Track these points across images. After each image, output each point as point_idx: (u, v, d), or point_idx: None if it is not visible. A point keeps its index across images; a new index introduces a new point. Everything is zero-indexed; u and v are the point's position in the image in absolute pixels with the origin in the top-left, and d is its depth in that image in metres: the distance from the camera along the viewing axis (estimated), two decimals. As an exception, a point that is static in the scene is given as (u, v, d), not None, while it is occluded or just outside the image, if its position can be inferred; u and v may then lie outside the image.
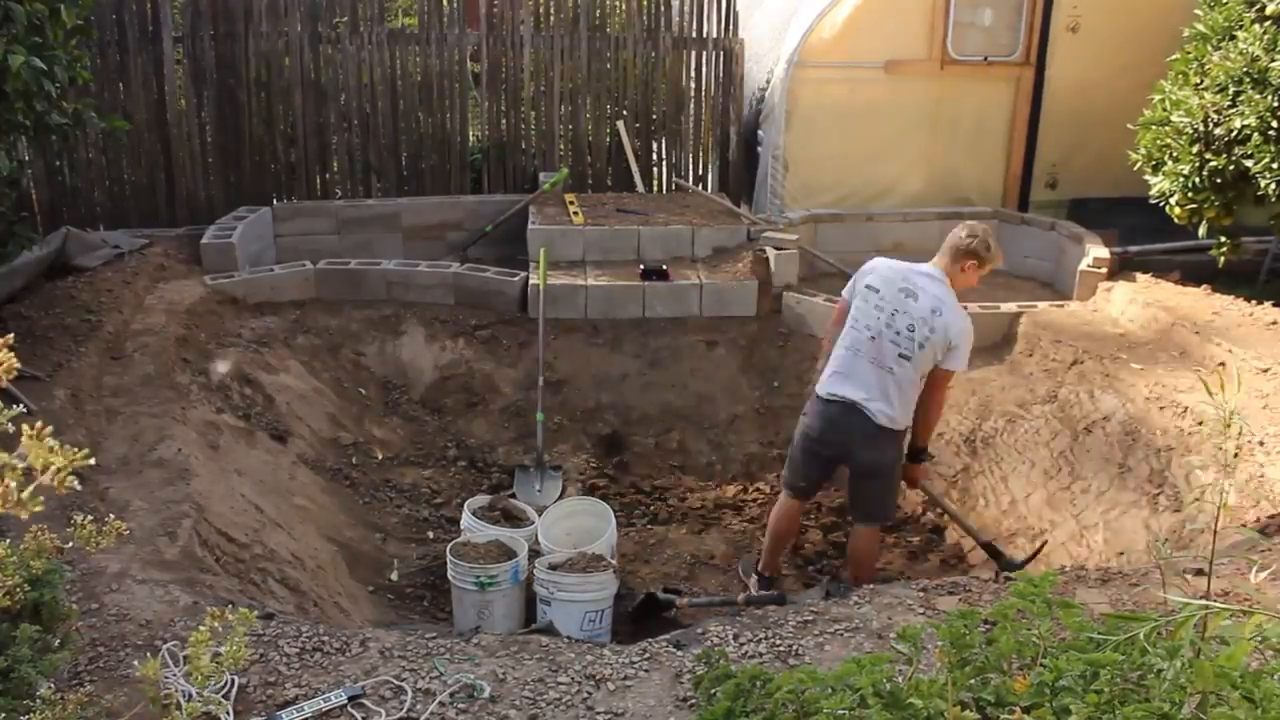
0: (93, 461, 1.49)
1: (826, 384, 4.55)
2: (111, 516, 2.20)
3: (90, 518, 2.13)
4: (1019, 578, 2.08)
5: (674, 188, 8.21)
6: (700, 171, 8.26)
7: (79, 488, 1.48)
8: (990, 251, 4.49)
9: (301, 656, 3.20)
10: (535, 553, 4.85)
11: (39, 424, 1.43)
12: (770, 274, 6.90)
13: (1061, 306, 6.69)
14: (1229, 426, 1.81)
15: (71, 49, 5.35)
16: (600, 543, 4.82)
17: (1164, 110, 6.02)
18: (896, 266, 4.54)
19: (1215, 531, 2.26)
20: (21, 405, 1.78)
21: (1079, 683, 1.75)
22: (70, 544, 2.14)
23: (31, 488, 1.33)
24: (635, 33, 7.95)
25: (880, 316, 4.42)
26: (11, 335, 1.57)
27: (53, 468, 1.40)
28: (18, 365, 1.49)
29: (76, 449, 1.45)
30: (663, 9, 7.98)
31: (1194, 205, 6.02)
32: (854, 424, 4.45)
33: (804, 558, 5.38)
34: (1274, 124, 5.42)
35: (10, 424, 1.47)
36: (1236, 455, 4.52)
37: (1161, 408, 5.26)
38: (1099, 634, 1.88)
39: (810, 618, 3.50)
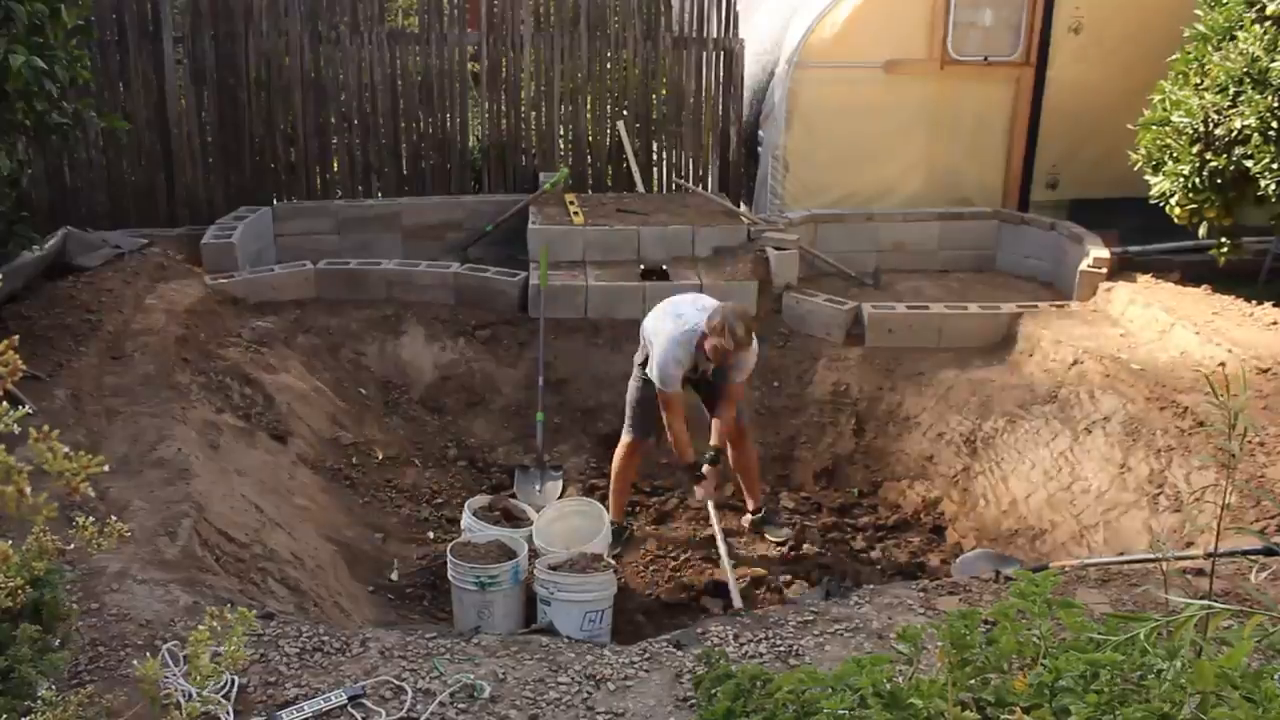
0: (107, 468, 1.49)
1: None
2: (113, 518, 2.20)
3: (91, 519, 2.13)
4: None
5: (674, 188, 8.21)
6: (700, 171, 8.26)
7: (92, 494, 1.48)
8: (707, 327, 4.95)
9: (302, 656, 3.20)
10: (536, 553, 4.85)
11: (45, 428, 1.43)
12: (770, 274, 6.90)
13: (1062, 306, 6.69)
14: (1234, 427, 1.81)
15: (72, 49, 5.35)
16: (594, 543, 4.83)
17: (1164, 110, 6.02)
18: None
19: (1218, 532, 2.27)
20: (24, 406, 1.78)
21: (1079, 683, 1.75)
22: (72, 545, 2.14)
23: (45, 494, 1.34)
24: (635, 33, 7.95)
25: None
26: (16, 337, 1.57)
27: (66, 472, 1.40)
28: (23, 367, 1.50)
29: (89, 455, 1.45)
30: (663, 9, 7.97)
31: (1194, 205, 6.02)
32: None
33: (803, 557, 5.38)
34: (1274, 124, 5.42)
35: (16, 426, 1.48)
36: (1236, 456, 4.53)
37: (1161, 408, 5.26)
38: (1099, 634, 1.88)
39: (810, 618, 3.51)
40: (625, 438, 5.40)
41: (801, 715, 1.97)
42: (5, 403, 1.79)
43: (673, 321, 5.06)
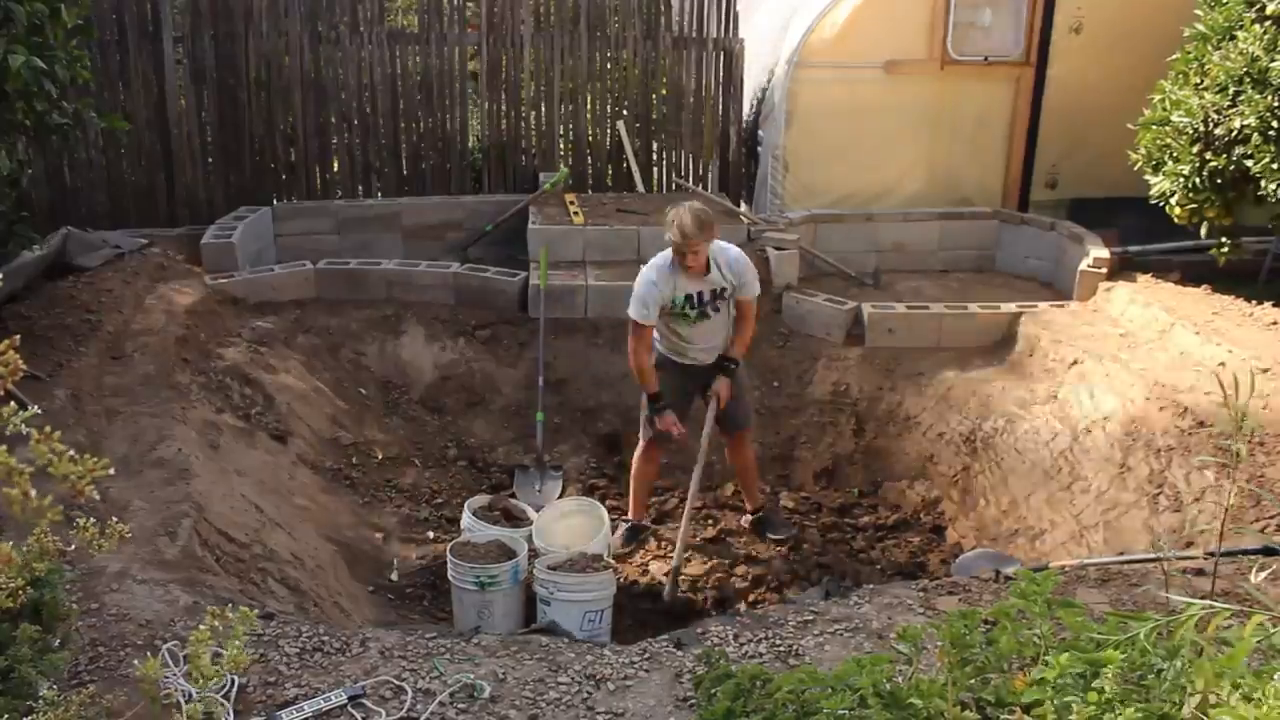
0: (112, 471, 1.50)
1: None
2: (113, 518, 2.20)
3: (92, 520, 2.13)
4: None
5: (674, 188, 8.21)
6: (700, 171, 8.26)
7: (97, 497, 1.48)
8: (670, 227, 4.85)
9: (301, 656, 3.21)
10: (536, 553, 4.85)
11: (46, 429, 1.43)
12: (770, 274, 6.90)
13: (1061, 306, 6.69)
14: (1240, 429, 1.81)
15: (72, 49, 5.35)
16: (594, 543, 4.83)
17: (1164, 110, 6.02)
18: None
19: (1221, 534, 2.27)
20: (27, 406, 1.78)
21: (1079, 682, 1.75)
22: (73, 546, 2.14)
23: (50, 498, 1.34)
24: (635, 33, 7.95)
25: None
26: (18, 337, 1.57)
27: (72, 475, 1.41)
28: (23, 367, 1.50)
29: (89, 455, 1.45)
30: (663, 9, 7.98)
31: (1194, 205, 6.01)
32: None
33: (802, 556, 5.38)
34: (1274, 124, 5.42)
35: (24, 426, 1.48)
36: (1240, 456, 4.52)
37: (1161, 408, 5.26)
38: (1099, 634, 1.88)
39: (810, 618, 3.51)
40: (641, 439, 5.34)
41: (801, 715, 1.97)
42: (12, 404, 1.79)
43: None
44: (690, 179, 8.18)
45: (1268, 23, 5.51)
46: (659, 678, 3.15)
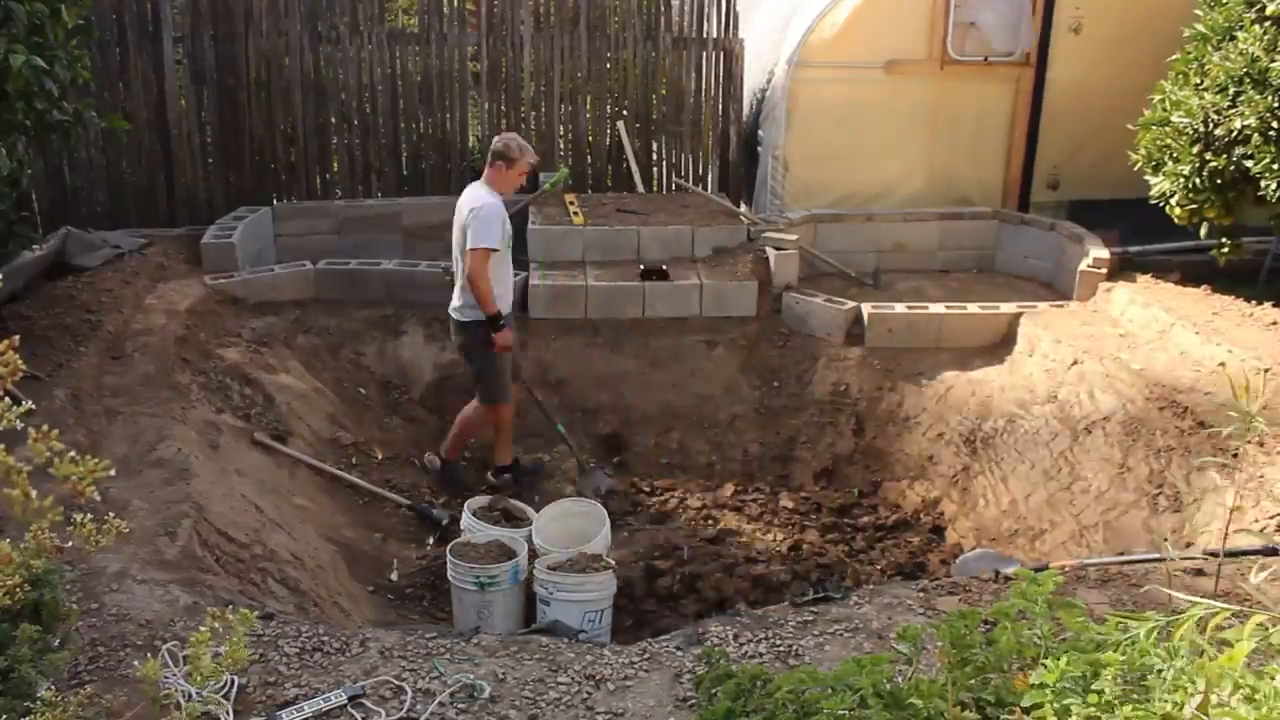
0: (113, 472, 1.50)
1: None
2: (111, 516, 2.20)
3: (90, 517, 2.13)
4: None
5: (674, 188, 8.21)
6: (700, 171, 8.26)
7: (97, 497, 1.48)
8: (517, 150, 5.58)
9: (301, 656, 3.20)
10: (536, 553, 4.85)
11: (44, 427, 1.44)
12: (770, 274, 6.90)
13: (1061, 306, 6.69)
14: (1250, 429, 1.81)
15: (72, 49, 5.35)
16: (594, 543, 4.83)
17: (1164, 111, 6.02)
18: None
19: (1226, 533, 2.27)
20: (26, 402, 1.79)
21: (1080, 683, 1.75)
22: (70, 543, 2.14)
23: (50, 499, 1.34)
24: (635, 33, 7.95)
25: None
26: (17, 337, 1.57)
27: (73, 476, 1.41)
28: (23, 367, 1.50)
29: (89, 455, 1.46)
30: (663, 9, 7.98)
31: (1194, 206, 6.01)
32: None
33: (801, 557, 5.37)
34: (1274, 124, 5.42)
35: (17, 423, 1.48)
36: (1237, 456, 4.52)
37: (1161, 408, 5.26)
38: (1099, 634, 1.88)
39: (810, 618, 3.51)
40: (494, 404, 5.77)
41: (801, 715, 1.97)
42: (5, 400, 1.79)
43: (479, 202, 5.53)
44: (690, 179, 8.17)
45: (1268, 23, 5.51)
46: (659, 678, 3.15)
